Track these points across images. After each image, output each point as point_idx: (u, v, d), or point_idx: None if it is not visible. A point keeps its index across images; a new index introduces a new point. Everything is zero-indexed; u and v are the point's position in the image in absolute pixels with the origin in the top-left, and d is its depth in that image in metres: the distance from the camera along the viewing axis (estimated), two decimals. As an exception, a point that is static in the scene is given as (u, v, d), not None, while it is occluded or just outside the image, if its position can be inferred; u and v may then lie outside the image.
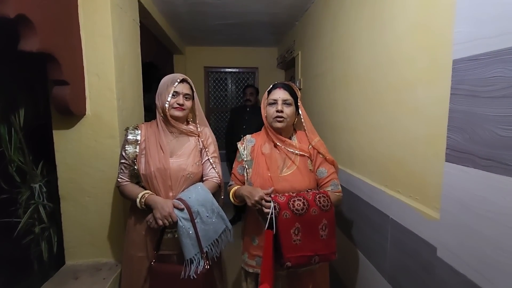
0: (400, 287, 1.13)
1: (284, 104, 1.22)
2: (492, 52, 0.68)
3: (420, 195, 1.02)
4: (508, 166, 0.64)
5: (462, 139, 0.78)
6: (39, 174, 1.67)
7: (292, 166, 1.23)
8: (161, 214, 1.12)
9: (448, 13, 0.86)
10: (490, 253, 0.69)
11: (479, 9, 0.72)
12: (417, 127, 1.03)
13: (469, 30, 0.75)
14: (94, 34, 1.41)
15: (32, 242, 1.69)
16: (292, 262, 1.05)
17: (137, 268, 1.24)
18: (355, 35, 1.52)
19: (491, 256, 0.69)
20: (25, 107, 1.56)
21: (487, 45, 0.69)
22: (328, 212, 1.12)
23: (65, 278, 1.39)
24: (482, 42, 0.70)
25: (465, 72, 0.76)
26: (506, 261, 0.65)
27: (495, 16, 0.67)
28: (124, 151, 1.24)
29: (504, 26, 0.65)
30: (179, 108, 1.23)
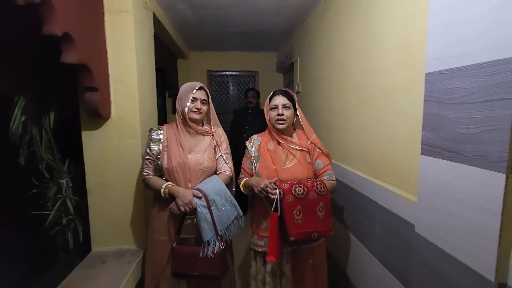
0: (387, 262, 1.32)
1: (284, 108, 1.43)
2: (453, 69, 0.87)
3: (402, 184, 1.22)
4: (465, 156, 0.84)
5: (433, 136, 0.97)
6: (66, 170, 1.84)
7: (294, 159, 1.43)
8: (183, 201, 1.31)
9: (423, 34, 1.06)
10: (454, 225, 0.89)
11: (444, 35, 0.92)
12: (400, 126, 1.23)
13: (437, 50, 0.94)
14: (119, 46, 1.59)
15: (59, 233, 1.87)
16: (296, 237, 1.25)
17: (160, 250, 1.43)
18: (348, 46, 1.72)
19: (454, 227, 0.88)
20: (55, 111, 1.74)
21: (449, 63, 0.89)
22: (324, 197, 1.32)
23: (94, 262, 1.56)
24: (446, 60, 0.90)
25: (434, 83, 0.95)
26: (465, 230, 0.84)
27: (455, 41, 0.87)
28: (148, 149, 1.42)
29: (461, 50, 0.85)
30: (197, 112, 1.42)
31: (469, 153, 0.83)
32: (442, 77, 0.92)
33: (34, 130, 1.70)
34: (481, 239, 0.79)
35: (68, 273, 1.52)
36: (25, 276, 1.73)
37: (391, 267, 1.30)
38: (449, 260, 0.90)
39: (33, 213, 1.77)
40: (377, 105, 1.42)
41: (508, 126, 0.71)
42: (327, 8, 2.07)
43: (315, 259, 1.45)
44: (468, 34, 0.83)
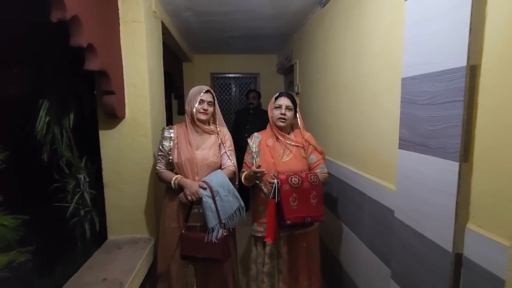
0: (373, 247, 1.48)
1: (287, 109, 1.61)
2: (422, 75, 1.03)
3: (385, 175, 1.38)
4: (431, 149, 0.99)
5: (407, 132, 1.13)
6: (83, 166, 2.02)
7: (290, 154, 1.61)
8: (190, 191, 1.48)
9: (401, 44, 1.21)
10: (423, 208, 1.04)
11: (416, 45, 1.07)
12: (384, 124, 1.38)
13: (410, 58, 1.10)
14: (132, 53, 1.77)
15: (77, 223, 2.05)
16: (292, 221, 1.42)
17: (171, 236, 1.60)
18: (342, 51, 1.88)
19: (423, 210, 1.04)
20: (74, 112, 1.92)
21: (419, 69, 1.05)
22: (317, 186, 1.49)
23: (111, 248, 1.74)
24: (417, 67, 1.06)
25: (408, 87, 1.11)
26: (431, 211, 1.00)
27: (424, 51, 1.03)
28: (161, 145, 1.60)
29: (428, 59, 1.00)
30: (204, 113, 1.59)
31: (433, 146, 0.98)
32: (414, 82, 1.08)
33: (56, 129, 1.88)
34: (442, 217, 0.95)
35: (86, 259, 1.70)
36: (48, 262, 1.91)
37: (376, 251, 1.46)
38: (420, 238, 1.06)
39: (54, 205, 1.95)
40: (366, 105, 1.57)
41: (460, 123, 0.87)
42: (323, 15, 2.23)
43: (308, 243, 1.62)
44: (432, 46, 0.98)
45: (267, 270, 1.62)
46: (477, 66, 0.85)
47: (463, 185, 0.89)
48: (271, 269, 1.62)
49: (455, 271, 0.92)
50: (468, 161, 0.88)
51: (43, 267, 1.89)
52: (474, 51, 0.84)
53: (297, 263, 1.61)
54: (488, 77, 0.82)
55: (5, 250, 1.44)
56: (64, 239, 2.01)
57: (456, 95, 0.89)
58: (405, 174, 1.15)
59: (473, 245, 0.87)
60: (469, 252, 0.89)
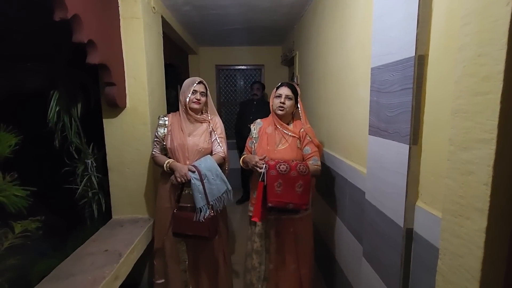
0: (352, 228, 1.57)
1: (286, 98, 1.69)
2: (384, 65, 1.10)
3: (361, 161, 1.46)
4: (390, 134, 1.07)
5: (375, 119, 1.20)
6: (90, 152, 2.21)
7: (285, 143, 1.71)
8: (180, 174, 1.61)
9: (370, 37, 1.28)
10: (383, 188, 1.13)
11: (380, 37, 1.14)
12: (360, 113, 1.46)
13: (376, 49, 1.17)
14: (132, 47, 1.91)
15: (86, 204, 2.25)
16: (273, 204, 1.53)
17: (164, 215, 1.75)
18: (330, 42, 1.94)
19: (384, 190, 1.13)
20: (82, 103, 2.10)
21: (382, 60, 1.12)
22: (305, 176, 1.57)
23: (114, 226, 1.92)
24: (381, 58, 1.13)
25: (375, 76, 1.18)
26: (389, 191, 1.08)
27: (385, 43, 1.09)
28: (156, 132, 1.74)
29: (388, 49, 1.07)
30: (197, 102, 1.72)
31: (392, 131, 1.06)
32: (379, 71, 1.15)
33: (66, 118, 2.06)
34: (396, 196, 1.03)
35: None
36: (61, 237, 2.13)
37: (354, 231, 1.55)
38: (381, 216, 1.15)
39: (65, 187, 2.16)
40: (346, 95, 1.64)
41: (409, 109, 0.94)
42: (316, 7, 2.28)
43: (296, 229, 1.71)
44: (391, 38, 1.05)
45: (255, 248, 1.75)
46: (424, 56, 0.92)
47: (412, 166, 0.97)
48: (260, 248, 1.75)
49: (406, 245, 1.01)
50: (417, 143, 0.96)
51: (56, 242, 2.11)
52: (422, 42, 0.91)
53: (284, 246, 1.71)
54: (434, 66, 0.89)
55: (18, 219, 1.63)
56: (74, 218, 2.22)
57: (407, 83, 0.96)
58: (373, 158, 1.23)
59: (421, 221, 0.96)
60: (418, 227, 0.97)
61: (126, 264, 1.56)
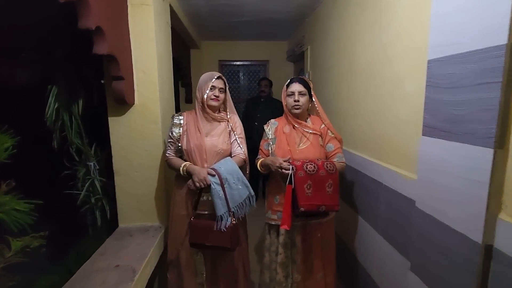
0: (390, 237, 1.44)
1: (300, 95, 1.55)
2: (448, 56, 0.96)
3: (402, 163, 1.32)
4: (457, 135, 0.93)
5: (432, 118, 1.06)
6: (93, 154, 2.01)
7: (307, 142, 1.56)
8: (198, 178, 1.44)
9: (425, 25, 1.13)
10: (447, 197, 0.99)
11: (443, 24, 1.00)
12: (404, 112, 1.32)
13: (437, 38, 1.03)
14: (141, 37, 1.72)
15: (88, 211, 2.06)
16: (305, 208, 1.38)
17: (180, 223, 1.58)
18: (358, 35, 1.80)
19: (447, 199, 0.99)
20: (83, 99, 1.90)
21: (444, 51, 0.97)
22: (333, 175, 1.44)
23: (123, 235, 1.74)
24: (444, 48, 0.98)
25: (434, 69, 1.04)
26: (456, 200, 0.95)
27: (452, 31, 0.95)
28: (171, 132, 1.57)
29: (456, 38, 0.93)
30: (215, 99, 1.55)
31: (460, 132, 0.92)
32: (440, 64, 1.01)
33: (65, 116, 1.86)
34: (470, 207, 0.89)
35: (97, 245, 1.70)
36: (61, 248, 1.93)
37: (393, 241, 1.41)
38: (443, 228, 1.01)
39: (65, 192, 1.96)
40: (383, 92, 1.50)
41: (496, 107, 0.80)
42: (337, -2, 2.13)
43: (323, 233, 1.58)
44: (460, 24, 0.91)
45: (280, 261, 1.59)
46: None
47: (496, 173, 0.83)
48: (285, 259, 1.60)
49: (484, 264, 0.87)
50: (503, 147, 0.82)
51: (55, 253, 1.91)
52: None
53: (312, 253, 1.58)
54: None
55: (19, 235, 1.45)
56: (75, 226, 2.03)
57: (488, 77, 0.82)
58: (428, 162, 1.09)
59: (505, 236, 0.82)
60: (500, 243, 0.84)
61: (141, 281, 1.39)
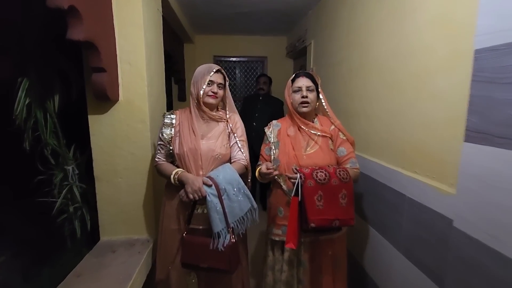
0: (414, 257, 1.25)
1: (308, 91, 1.35)
2: (509, 44, 0.77)
3: (436, 174, 1.13)
4: (522, 143, 0.74)
5: (480, 121, 0.87)
6: (71, 157, 1.77)
7: (315, 146, 1.36)
8: (192, 188, 1.23)
9: (470, 7, 0.94)
10: (502, 218, 0.80)
11: (499, 5, 0.80)
12: (436, 111, 1.12)
13: (490, 23, 0.83)
14: (126, 24, 1.49)
15: (66, 221, 1.81)
16: (316, 224, 1.18)
17: (170, 239, 1.37)
18: (374, 25, 1.60)
19: (503, 221, 0.80)
20: (60, 94, 1.65)
21: (506, 37, 0.78)
22: (348, 184, 1.24)
23: (104, 251, 1.51)
24: (502, 34, 0.79)
25: (485, 61, 0.85)
26: (516, 225, 0.76)
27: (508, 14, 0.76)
28: (161, 133, 1.34)
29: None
30: (213, 96, 1.33)
31: (527, 140, 0.73)
32: (495, 54, 0.81)
33: (39, 113, 1.62)
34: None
35: (76, 261, 1.47)
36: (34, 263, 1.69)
37: (418, 262, 1.22)
38: (494, 255, 0.82)
39: (39, 200, 1.71)
40: (407, 88, 1.31)
41: None
42: (347, -14, 1.93)
43: (335, 251, 1.38)
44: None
45: (285, 279, 1.40)
46: None
47: None
48: (290, 277, 1.40)
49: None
50: None
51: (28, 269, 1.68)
52: None
53: (321, 273, 1.38)
54: None
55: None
56: (51, 238, 1.79)
57: None
58: (474, 174, 0.90)
59: None
60: None
61: (124, 311, 1.17)
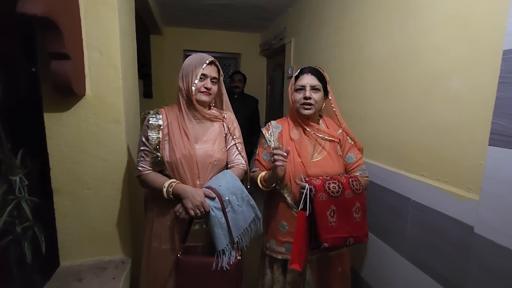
0: (421, 262, 1.20)
1: (312, 90, 1.21)
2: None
3: (450, 178, 1.09)
4: None
5: (509, 124, 0.84)
6: (19, 164, 1.42)
7: (323, 151, 1.23)
8: (193, 203, 1.04)
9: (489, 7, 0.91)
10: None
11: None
12: (449, 114, 1.08)
13: (524, 22, 0.80)
14: (96, 2, 1.22)
15: (11, 244, 1.46)
16: (330, 243, 1.07)
17: (161, 261, 1.15)
18: (370, 24, 1.54)
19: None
20: (3, 86, 1.31)
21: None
22: (361, 196, 1.15)
23: (66, 281, 1.23)
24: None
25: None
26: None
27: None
28: (145, 137, 1.11)
29: None
30: (206, 93, 1.13)
31: None
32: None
33: (-27, 110, 1.26)
34: None
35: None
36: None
37: (428, 269, 1.18)
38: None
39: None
40: (411, 90, 1.26)
41: None
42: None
43: (344, 267, 1.28)
44: None
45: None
46: None
47: None
48: (294, 301, 1.26)
49: None
50: None
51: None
52: None
53: (329, 292, 1.26)
54: None
55: None
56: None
57: None
58: (501, 179, 0.86)
59: None
60: None
61: None
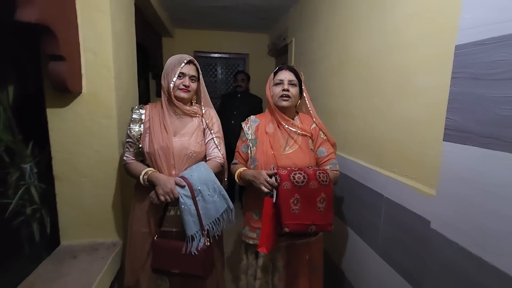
0: (391, 259, 1.21)
1: (290, 84, 1.28)
2: (497, 38, 0.73)
3: (416, 174, 1.09)
4: (506, 143, 0.71)
5: (462, 120, 0.83)
6: (29, 154, 1.60)
7: (294, 145, 1.29)
8: (163, 190, 1.14)
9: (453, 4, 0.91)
10: (484, 222, 0.76)
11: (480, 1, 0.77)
12: (416, 111, 1.09)
13: (475, 16, 0.80)
14: (91, 8, 1.35)
15: (23, 224, 1.64)
16: (290, 228, 1.12)
17: (140, 243, 1.27)
18: (354, 22, 1.56)
19: (485, 224, 0.76)
20: (15, 85, 1.49)
21: (492, 30, 0.74)
22: (327, 187, 1.19)
23: (63, 257, 1.38)
24: (487, 28, 0.76)
25: (468, 57, 0.81)
26: (501, 228, 0.72)
27: (501, 4, 0.72)
28: (129, 130, 1.23)
29: (508, 14, 0.70)
30: (185, 90, 1.23)
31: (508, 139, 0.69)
32: (481, 49, 0.78)
33: (-10, 106, 1.44)
34: (524, 240, 0.67)
35: (34, 268, 1.33)
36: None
37: (396, 265, 1.19)
38: (474, 260, 0.79)
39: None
40: (388, 86, 1.27)
41: None
42: (329, -19, 1.89)
43: (312, 255, 1.33)
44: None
45: (259, 286, 1.32)
46: None
47: None
48: (264, 285, 1.33)
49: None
50: None
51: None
52: None
53: (297, 278, 1.32)
54: None
55: None
56: (5, 243, 1.61)
57: None
58: (455, 175, 0.86)
59: None
60: None
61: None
